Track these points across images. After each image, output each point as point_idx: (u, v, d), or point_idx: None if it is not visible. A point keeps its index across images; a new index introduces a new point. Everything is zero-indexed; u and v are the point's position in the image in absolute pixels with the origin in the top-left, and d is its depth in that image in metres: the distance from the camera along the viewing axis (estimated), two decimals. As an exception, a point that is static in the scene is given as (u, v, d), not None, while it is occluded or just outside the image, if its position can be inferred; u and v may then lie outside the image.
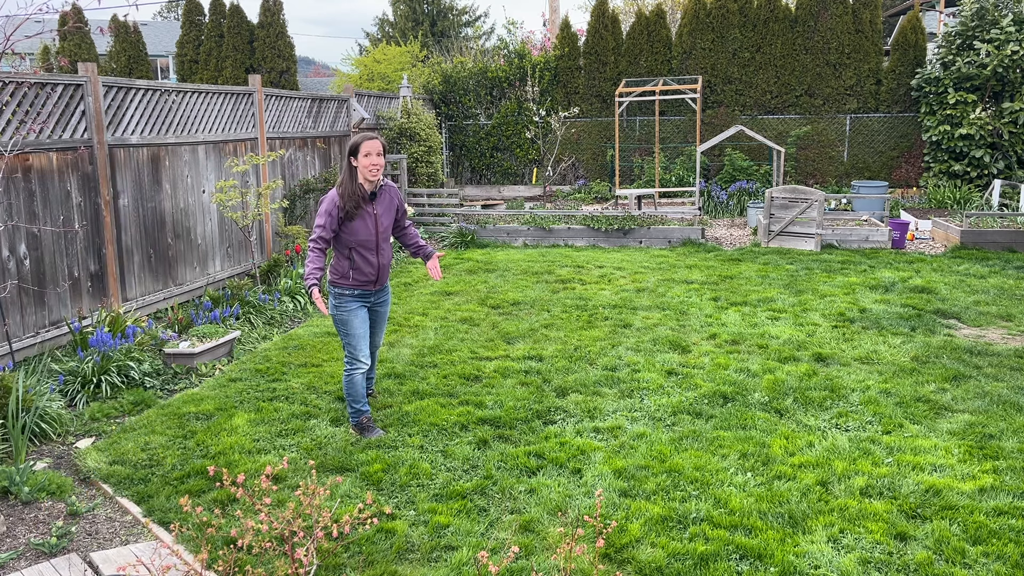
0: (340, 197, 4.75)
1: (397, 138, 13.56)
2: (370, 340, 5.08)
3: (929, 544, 3.69)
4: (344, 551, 3.69)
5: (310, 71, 47.70)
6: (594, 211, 12.22)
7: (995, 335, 6.92)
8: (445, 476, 4.44)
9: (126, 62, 16.85)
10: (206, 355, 6.39)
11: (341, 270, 4.87)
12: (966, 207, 13.00)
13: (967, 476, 4.33)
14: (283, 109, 10.25)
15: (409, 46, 21.41)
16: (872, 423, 5.06)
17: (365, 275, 4.87)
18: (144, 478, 4.48)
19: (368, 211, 4.81)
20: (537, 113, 16.33)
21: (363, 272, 4.86)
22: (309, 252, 4.78)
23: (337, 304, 4.91)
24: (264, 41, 16.01)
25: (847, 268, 9.61)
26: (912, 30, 15.09)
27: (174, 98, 7.91)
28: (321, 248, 4.78)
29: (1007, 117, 13.62)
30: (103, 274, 6.94)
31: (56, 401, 5.27)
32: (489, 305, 8.14)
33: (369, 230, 4.82)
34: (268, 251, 9.65)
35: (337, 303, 4.91)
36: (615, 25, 16.23)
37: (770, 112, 15.65)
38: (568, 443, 4.80)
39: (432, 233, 12.69)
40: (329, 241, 4.80)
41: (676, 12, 21.38)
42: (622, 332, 7.12)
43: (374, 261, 4.86)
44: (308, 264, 4.73)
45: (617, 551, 3.67)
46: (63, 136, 6.48)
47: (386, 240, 4.91)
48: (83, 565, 3.61)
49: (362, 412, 5.02)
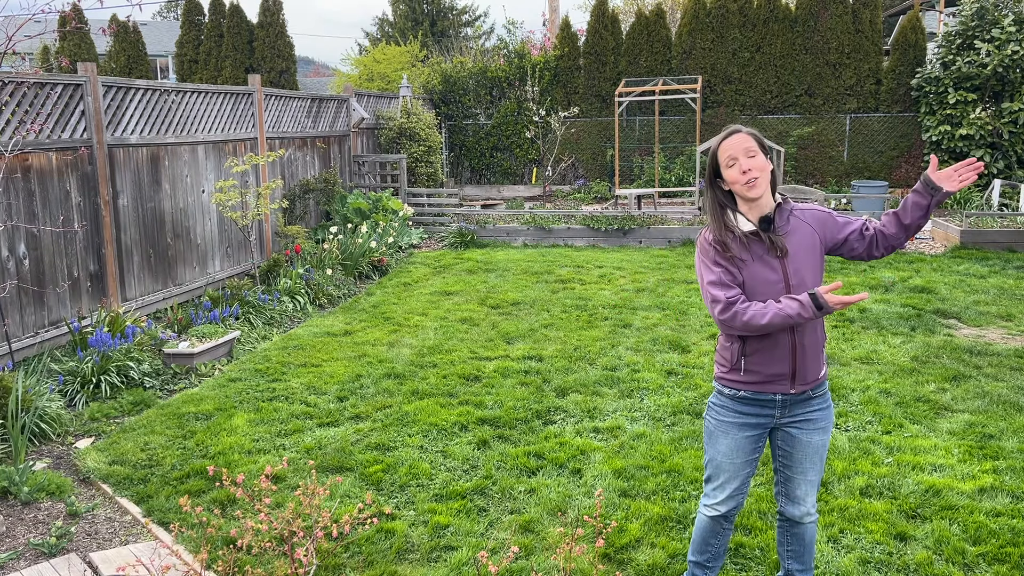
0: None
1: (397, 138, 13.56)
2: (785, 478, 3.06)
3: (929, 544, 3.68)
4: (344, 551, 3.69)
5: (310, 71, 47.69)
6: (594, 211, 12.22)
7: (995, 335, 6.92)
8: (445, 476, 4.44)
9: (126, 62, 16.85)
10: (206, 355, 6.39)
11: (728, 357, 2.97)
12: (966, 207, 13.00)
13: (967, 476, 4.32)
14: (283, 109, 10.25)
15: (409, 46, 21.40)
16: (872, 423, 5.06)
17: (768, 365, 2.88)
18: (144, 478, 4.47)
19: (763, 253, 2.85)
20: (537, 113, 16.33)
21: (765, 360, 2.88)
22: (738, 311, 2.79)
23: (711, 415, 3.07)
24: (264, 41, 16.01)
25: (847, 268, 9.61)
26: (912, 30, 15.08)
27: (174, 98, 7.90)
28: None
29: (1007, 117, 13.61)
30: (103, 274, 6.94)
31: (55, 401, 5.27)
32: (489, 305, 8.14)
33: (772, 280, 2.84)
34: (268, 251, 9.65)
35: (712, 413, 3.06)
36: (615, 25, 16.23)
37: (770, 112, 15.65)
38: (568, 443, 4.80)
39: (432, 233, 12.69)
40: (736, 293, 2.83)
41: (676, 12, 21.38)
42: (622, 332, 7.12)
43: (787, 340, 2.85)
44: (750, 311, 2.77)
45: (617, 551, 3.67)
46: (63, 136, 6.48)
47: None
48: (83, 565, 3.61)
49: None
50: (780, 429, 2.98)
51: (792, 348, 2.83)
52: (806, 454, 2.94)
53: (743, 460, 2.98)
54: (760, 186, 2.80)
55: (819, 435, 2.94)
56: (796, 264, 2.83)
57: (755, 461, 3.03)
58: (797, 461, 2.96)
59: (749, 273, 2.84)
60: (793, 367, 2.85)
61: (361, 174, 12.80)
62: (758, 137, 2.85)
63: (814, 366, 2.88)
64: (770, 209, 2.86)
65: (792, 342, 2.83)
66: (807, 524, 3.04)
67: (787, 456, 2.98)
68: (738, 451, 2.97)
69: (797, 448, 2.95)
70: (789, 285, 2.82)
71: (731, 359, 2.93)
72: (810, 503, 3.01)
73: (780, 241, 2.84)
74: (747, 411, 2.94)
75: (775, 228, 2.86)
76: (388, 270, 10.13)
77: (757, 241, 2.85)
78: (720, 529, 3.12)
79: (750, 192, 2.80)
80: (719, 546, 3.17)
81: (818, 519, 3.12)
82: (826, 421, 2.95)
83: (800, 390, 2.89)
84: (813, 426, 2.93)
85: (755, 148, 2.80)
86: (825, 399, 2.96)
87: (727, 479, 3.02)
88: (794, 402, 2.91)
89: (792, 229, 2.87)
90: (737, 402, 2.96)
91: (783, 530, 3.13)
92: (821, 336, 2.90)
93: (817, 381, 2.91)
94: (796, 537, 3.08)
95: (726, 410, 2.99)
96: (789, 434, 2.95)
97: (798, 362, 2.84)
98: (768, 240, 2.84)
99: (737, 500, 3.04)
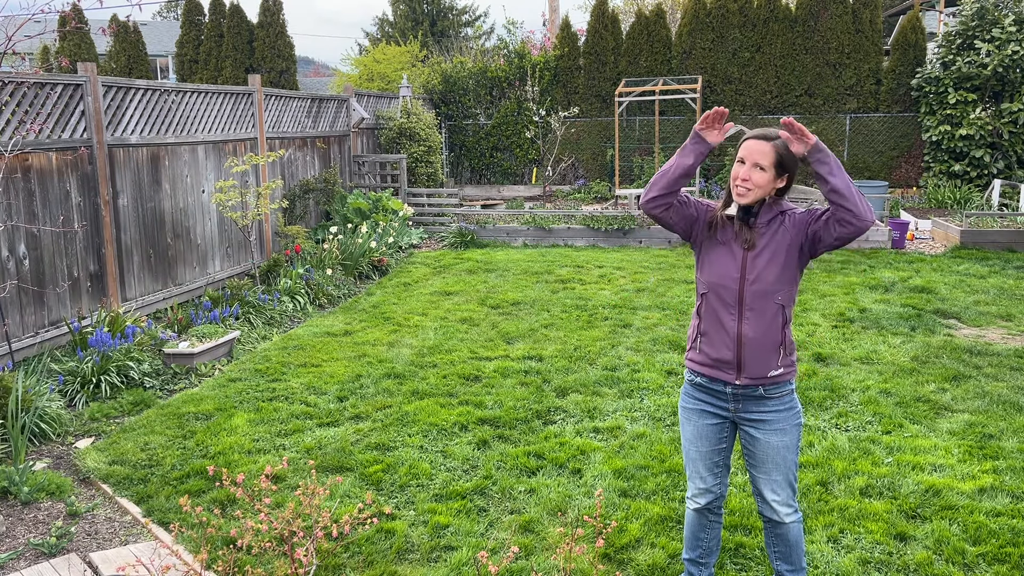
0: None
1: (397, 138, 13.56)
2: (752, 476, 3.10)
3: (929, 544, 3.68)
4: (344, 551, 3.69)
5: (310, 71, 47.68)
6: (594, 211, 12.22)
7: (995, 335, 6.92)
8: (445, 476, 4.44)
9: (126, 62, 16.85)
10: (205, 355, 6.39)
11: (691, 332, 3.12)
12: (966, 207, 13.00)
13: (967, 476, 4.32)
14: (283, 109, 10.25)
15: (409, 46, 21.40)
16: (872, 423, 5.06)
17: (716, 349, 2.98)
18: (144, 478, 4.47)
19: (731, 240, 2.94)
20: (537, 113, 16.33)
21: (713, 342, 2.99)
22: None
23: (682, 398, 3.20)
24: (264, 41, 16.01)
25: (847, 268, 9.61)
26: (912, 30, 15.08)
27: (174, 98, 7.90)
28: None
29: (1007, 117, 13.61)
30: (102, 274, 6.94)
31: (55, 401, 5.27)
32: (489, 305, 8.14)
33: (729, 267, 2.93)
34: (268, 251, 9.65)
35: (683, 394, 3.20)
36: (615, 25, 16.23)
37: (770, 112, 15.64)
38: (568, 443, 4.80)
39: (432, 233, 12.69)
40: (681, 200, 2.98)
41: (676, 12, 21.37)
42: (622, 332, 7.12)
43: (732, 327, 2.93)
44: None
45: (617, 551, 3.67)
46: (63, 136, 6.48)
47: (762, 297, 2.89)
48: (83, 565, 3.61)
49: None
50: (741, 428, 3.05)
51: (737, 337, 2.91)
52: (767, 454, 2.99)
53: (709, 449, 3.07)
54: (749, 198, 2.87)
55: (777, 436, 2.96)
56: (760, 261, 2.88)
57: (723, 452, 3.09)
58: (760, 461, 3.01)
59: (711, 253, 2.97)
60: (737, 356, 2.91)
61: (361, 174, 12.81)
62: (782, 154, 2.83)
63: (760, 362, 2.90)
64: (756, 202, 2.91)
65: (737, 330, 2.90)
66: (789, 525, 3.04)
67: (751, 456, 3.05)
68: (701, 439, 3.07)
69: (758, 448, 3.00)
70: (745, 278, 2.89)
71: (691, 337, 3.09)
72: (779, 504, 3.02)
73: (750, 234, 2.90)
74: (703, 398, 3.07)
75: (754, 222, 2.91)
76: (388, 270, 10.13)
77: (731, 227, 2.94)
78: (707, 523, 3.18)
79: (738, 198, 2.89)
80: (710, 541, 3.22)
81: (802, 520, 3.13)
82: (785, 424, 2.97)
83: (746, 383, 2.93)
84: (769, 427, 2.97)
85: (767, 163, 2.83)
86: (783, 402, 2.97)
87: (696, 468, 3.11)
88: (745, 397, 2.97)
89: (772, 229, 2.90)
90: (694, 388, 3.09)
91: (768, 531, 3.15)
92: (774, 335, 2.89)
93: (768, 380, 2.92)
94: (780, 538, 3.09)
95: (688, 396, 3.13)
96: (748, 433, 3.02)
97: (742, 352, 2.90)
98: (737, 228, 2.92)
99: (714, 492, 3.12)
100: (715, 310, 2.95)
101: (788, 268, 2.88)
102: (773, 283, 2.87)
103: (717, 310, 2.94)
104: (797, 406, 3.01)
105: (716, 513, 3.18)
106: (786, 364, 2.94)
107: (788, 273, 2.88)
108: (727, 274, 2.91)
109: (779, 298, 2.88)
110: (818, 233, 2.84)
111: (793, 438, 2.99)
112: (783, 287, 2.88)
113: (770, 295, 2.87)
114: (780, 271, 2.87)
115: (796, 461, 3.02)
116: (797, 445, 3.01)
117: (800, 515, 3.08)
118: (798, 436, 3.01)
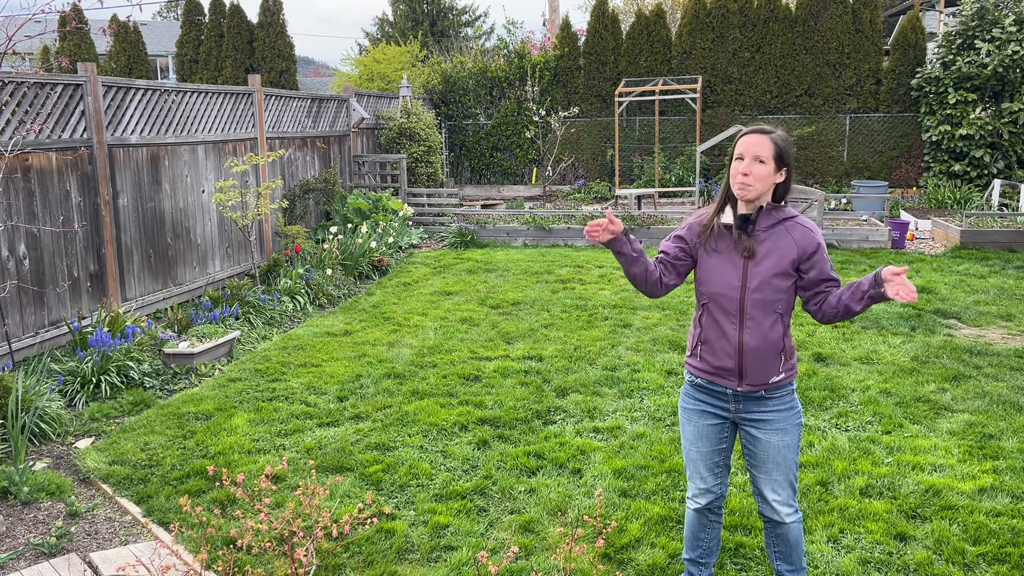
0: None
1: (397, 138, 13.56)
2: (753, 476, 3.09)
3: (929, 544, 3.69)
4: (344, 551, 3.69)
5: (310, 71, 47.68)
6: (594, 211, 12.22)
7: (995, 335, 6.92)
8: (445, 476, 4.44)
9: (126, 62, 16.85)
10: (205, 355, 6.39)
11: (691, 339, 3.12)
12: (966, 207, 13.00)
13: (967, 476, 4.32)
14: (283, 109, 10.25)
15: (409, 46, 21.40)
16: (872, 423, 5.06)
17: (717, 357, 2.98)
18: (144, 478, 4.48)
19: (730, 249, 2.92)
20: (537, 113, 16.33)
21: (714, 351, 2.98)
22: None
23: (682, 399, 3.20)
24: (264, 41, 16.01)
25: (847, 268, 9.61)
26: (912, 30, 15.08)
27: (174, 98, 7.90)
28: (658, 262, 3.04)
29: (1007, 117, 13.61)
30: (102, 274, 6.94)
31: (55, 401, 5.27)
32: (489, 305, 8.14)
33: (730, 276, 2.91)
34: (268, 251, 9.65)
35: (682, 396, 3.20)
36: (615, 25, 16.23)
37: (770, 112, 15.64)
38: (568, 443, 4.80)
39: (432, 233, 12.69)
40: (668, 263, 3.03)
41: (676, 12, 21.38)
42: (622, 332, 7.12)
43: (734, 336, 2.93)
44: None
45: (617, 551, 3.67)
46: (63, 136, 6.48)
47: (763, 306, 2.88)
48: (83, 565, 3.61)
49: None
50: (742, 428, 3.04)
51: (738, 346, 2.90)
52: (768, 454, 2.98)
53: (709, 449, 3.07)
54: (751, 193, 2.83)
55: (778, 436, 2.96)
56: (761, 269, 2.86)
57: (723, 453, 3.08)
58: (760, 460, 3.00)
59: (709, 264, 2.94)
60: (739, 364, 2.91)
61: (361, 174, 12.81)
62: (780, 147, 2.83)
63: (762, 369, 2.90)
64: (754, 209, 2.88)
65: (739, 339, 2.90)
66: (789, 525, 3.03)
67: (751, 455, 3.03)
68: (702, 439, 3.07)
69: (758, 447, 2.99)
70: (746, 287, 2.87)
71: (691, 343, 3.07)
72: (780, 503, 3.01)
73: (749, 242, 2.87)
74: (703, 399, 3.06)
75: (753, 229, 2.88)
76: (388, 270, 10.13)
77: (728, 235, 2.91)
78: (707, 522, 3.18)
79: (739, 193, 2.84)
80: (710, 541, 3.21)
81: (802, 520, 3.14)
82: (785, 423, 2.96)
83: (748, 389, 2.94)
84: (770, 427, 2.96)
85: (767, 155, 2.80)
86: (783, 402, 2.97)
87: (697, 468, 3.10)
88: (747, 398, 2.97)
89: (773, 235, 2.88)
90: (695, 388, 3.09)
91: (768, 531, 3.15)
92: (775, 343, 2.89)
93: (769, 385, 2.93)
94: (780, 538, 3.09)
95: (688, 397, 3.12)
96: (749, 433, 3.01)
97: (743, 360, 2.90)
98: (736, 237, 2.89)
99: (715, 492, 3.11)
100: (716, 320, 2.94)
101: (788, 278, 2.89)
102: (774, 291, 2.87)
103: (719, 319, 2.93)
104: (797, 406, 3.02)
105: (716, 513, 3.18)
106: (787, 369, 2.95)
107: (788, 282, 2.89)
108: (728, 284, 2.89)
109: (779, 307, 2.89)
110: (808, 288, 2.91)
111: (793, 438, 2.99)
112: (783, 295, 2.89)
113: (770, 304, 2.87)
114: (780, 279, 2.87)
115: (796, 461, 3.02)
116: (797, 445, 3.01)
117: (800, 515, 3.09)
118: (798, 436, 3.01)
